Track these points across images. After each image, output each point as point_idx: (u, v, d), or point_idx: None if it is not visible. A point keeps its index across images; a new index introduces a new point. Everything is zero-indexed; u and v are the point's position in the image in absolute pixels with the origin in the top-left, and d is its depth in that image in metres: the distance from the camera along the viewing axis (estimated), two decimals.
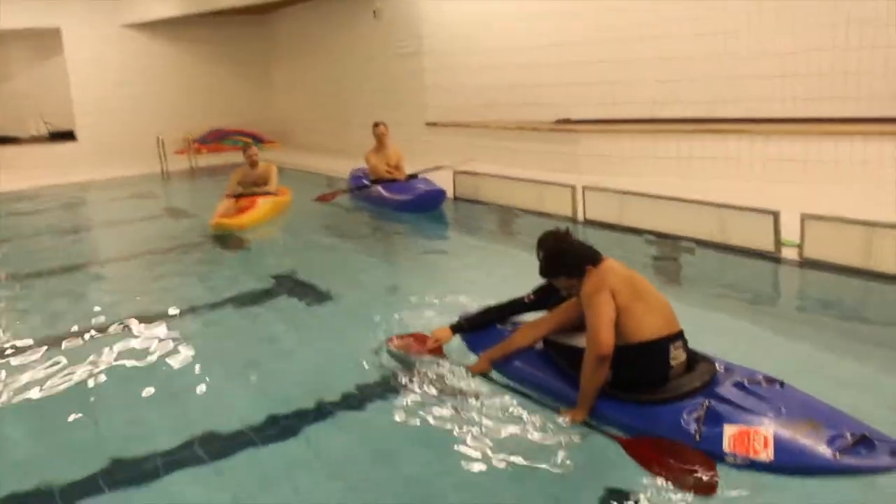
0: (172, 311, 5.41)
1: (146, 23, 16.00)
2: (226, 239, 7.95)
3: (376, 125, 9.39)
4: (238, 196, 8.80)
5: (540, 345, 3.77)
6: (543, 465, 3.00)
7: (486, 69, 11.34)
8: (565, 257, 3.48)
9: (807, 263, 5.58)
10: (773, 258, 5.80)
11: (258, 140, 15.67)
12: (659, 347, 3.26)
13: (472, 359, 4.01)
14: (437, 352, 4.12)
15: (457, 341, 4.19)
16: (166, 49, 16.61)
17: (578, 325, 3.53)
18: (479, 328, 4.17)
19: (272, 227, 8.59)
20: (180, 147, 15.51)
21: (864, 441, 2.78)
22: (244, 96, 17.46)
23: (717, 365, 3.35)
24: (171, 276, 6.57)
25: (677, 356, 3.30)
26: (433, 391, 3.74)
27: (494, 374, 3.84)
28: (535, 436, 3.25)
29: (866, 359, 4.03)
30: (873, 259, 5.20)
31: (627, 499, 2.74)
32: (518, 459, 3.05)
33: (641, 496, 2.75)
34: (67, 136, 16.19)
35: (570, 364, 3.48)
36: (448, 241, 8.05)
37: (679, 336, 3.34)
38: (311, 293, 5.77)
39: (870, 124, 7.33)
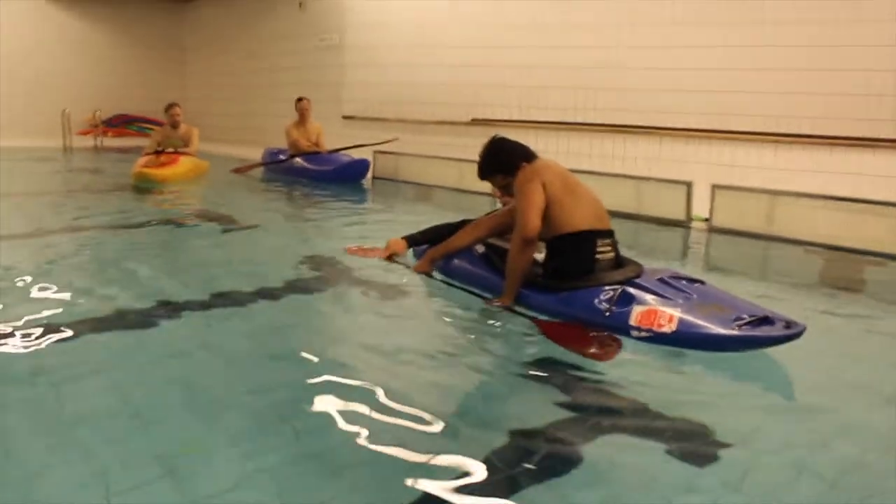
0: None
1: None
2: (145, 190, 7.77)
3: (299, 100, 9.42)
4: (159, 153, 8.57)
5: (481, 248, 3.93)
6: (470, 342, 3.12)
7: (405, 66, 11.60)
8: (500, 156, 3.69)
9: (714, 230, 6.04)
10: (685, 226, 6.23)
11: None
12: (586, 238, 3.40)
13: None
14: (390, 260, 4.35)
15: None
16: (78, 25, 16.00)
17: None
18: (431, 242, 4.29)
19: (192, 186, 8.42)
20: (85, 128, 14.99)
21: (765, 320, 2.89)
22: (156, 82, 16.93)
23: (644, 267, 3.47)
24: (92, 210, 6.40)
25: (604, 252, 3.44)
26: (372, 283, 3.92)
27: (436, 275, 4.04)
28: (464, 320, 3.43)
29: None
30: (775, 225, 5.78)
31: (543, 369, 2.83)
32: (448, 337, 3.20)
33: (554, 366, 2.84)
34: None
35: (506, 263, 3.62)
36: (368, 203, 8.11)
37: (609, 234, 3.50)
38: (234, 222, 5.92)
39: None
